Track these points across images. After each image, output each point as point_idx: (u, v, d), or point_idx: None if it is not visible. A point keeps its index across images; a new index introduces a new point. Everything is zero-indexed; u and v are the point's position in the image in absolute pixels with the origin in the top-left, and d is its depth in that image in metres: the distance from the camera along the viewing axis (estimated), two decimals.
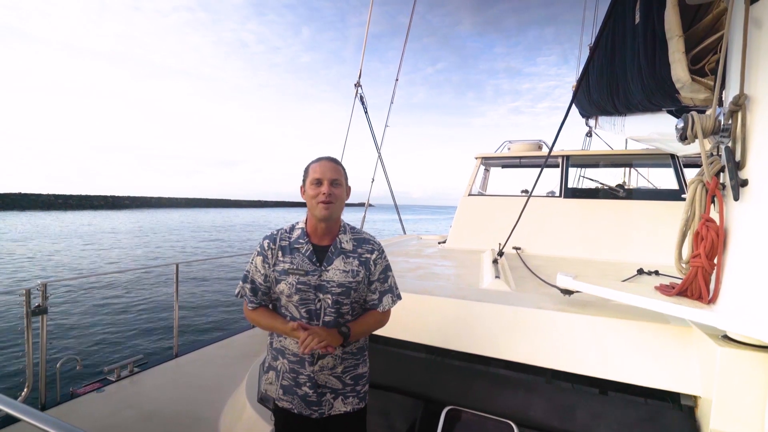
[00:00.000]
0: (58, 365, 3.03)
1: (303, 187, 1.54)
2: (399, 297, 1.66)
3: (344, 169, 1.57)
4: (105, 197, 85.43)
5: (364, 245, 1.58)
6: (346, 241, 1.56)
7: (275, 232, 1.58)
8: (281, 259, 1.51)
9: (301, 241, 1.53)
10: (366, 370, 1.65)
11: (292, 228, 1.59)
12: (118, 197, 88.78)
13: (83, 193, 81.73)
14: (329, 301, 1.48)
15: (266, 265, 1.52)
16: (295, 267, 1.48)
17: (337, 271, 1.50)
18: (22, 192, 67.85)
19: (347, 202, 1.61)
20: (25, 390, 2.83)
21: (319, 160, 1.54)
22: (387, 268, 1.63)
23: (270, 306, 1.62)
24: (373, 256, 1.57)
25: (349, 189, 1.60)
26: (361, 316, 1.59)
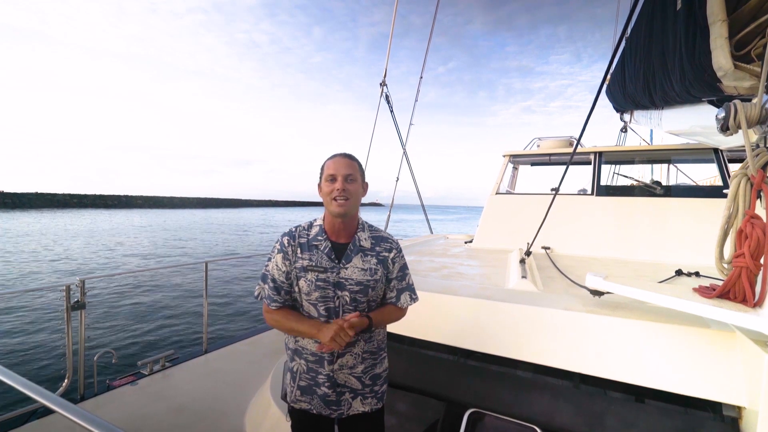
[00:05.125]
0: (95, 358, 3.17)
1: (320, 184, 1.53)
2: (416, 297, 1.63)
3: (360, 165, 1.54)
4: (119, 197, 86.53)
5: (383, 243, 1.57)
6: (365, 239, 1.55)
7: (293, 229, 1.56)
8: (300, 255, 1.50)
9: (319, 238, 1.52)
10: (383, 370, 1.63)
11: (310, 225, 1.57)
12: (132, 197, 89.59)
13: (97, 193, 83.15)
14: (347, 299, 1.47)
15: (287, 262, 1.50)
16: (314, 264, 1.47)
17: (355, 269, 1.49)
18: (39, 192, 69.41)
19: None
20: (65, 381, 2.98)
21: (333, 156, 1.52)
22: (404, 267, 1.62)
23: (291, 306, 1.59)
24: (392, 255, 1.56)
25: (366, 185, 1.58)
26: (381, 307, 1.58)
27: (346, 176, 1.46)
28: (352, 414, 1.53)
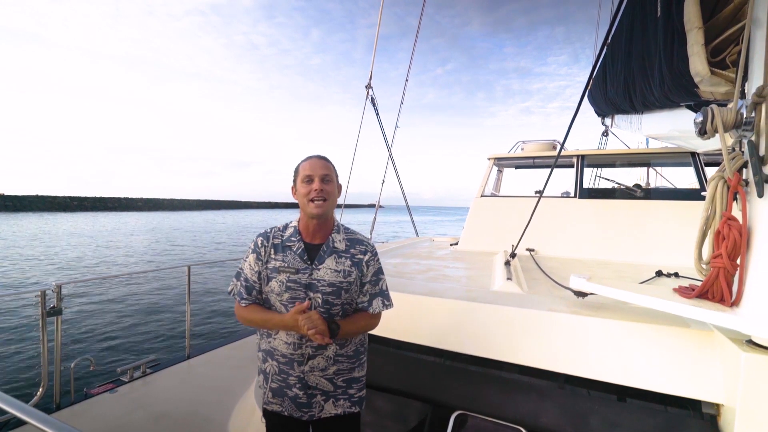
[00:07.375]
0: (72, 365, 3.06)
1: (294, 186, 1.55)
2: (390, 304, 1.61)
3: (334, 167, 1.57)
4: (119, 199, 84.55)
5: (358, 246, 1.57)
6: (339, 241, 1.55)
7: (269, 230, 1.58)
8: (273, 256, 1.51)
9: (293, 239, 1.53)
10: (362, 375, 1.61)
11: (286, 226, 1.59)
12: (132, 199, 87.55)
13: (97, 195, 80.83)
14: (319, 300, 1.47)
15: (259, 263, 1.52)
16: (286, 265, 1.48)
17: (328, 270, 1.49)
18: (39, 194, 67.08)
19: (354, 203, 1.58)
20: (40, 390, 2.87)
21: (308, 158, 1.54)
22: (379, 271, 1.60)
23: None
24: (366, 257, 1.56)
25: (339, 187, 1.59)
26: (351, 315, 1.56)
27: (323, 177, 1.48)
28: (324, 417, 1.52)
